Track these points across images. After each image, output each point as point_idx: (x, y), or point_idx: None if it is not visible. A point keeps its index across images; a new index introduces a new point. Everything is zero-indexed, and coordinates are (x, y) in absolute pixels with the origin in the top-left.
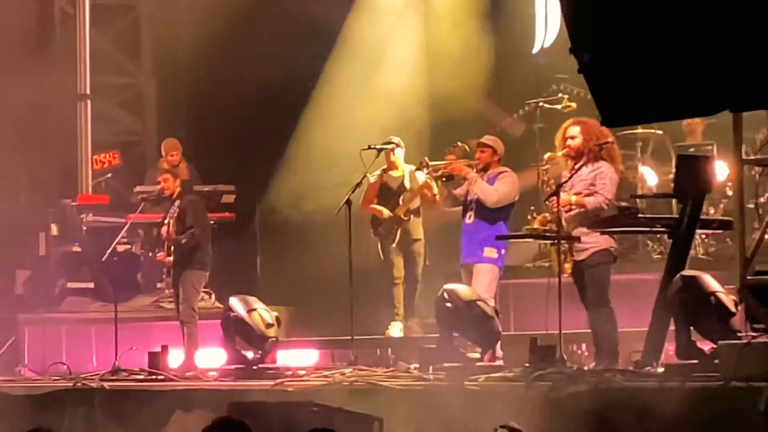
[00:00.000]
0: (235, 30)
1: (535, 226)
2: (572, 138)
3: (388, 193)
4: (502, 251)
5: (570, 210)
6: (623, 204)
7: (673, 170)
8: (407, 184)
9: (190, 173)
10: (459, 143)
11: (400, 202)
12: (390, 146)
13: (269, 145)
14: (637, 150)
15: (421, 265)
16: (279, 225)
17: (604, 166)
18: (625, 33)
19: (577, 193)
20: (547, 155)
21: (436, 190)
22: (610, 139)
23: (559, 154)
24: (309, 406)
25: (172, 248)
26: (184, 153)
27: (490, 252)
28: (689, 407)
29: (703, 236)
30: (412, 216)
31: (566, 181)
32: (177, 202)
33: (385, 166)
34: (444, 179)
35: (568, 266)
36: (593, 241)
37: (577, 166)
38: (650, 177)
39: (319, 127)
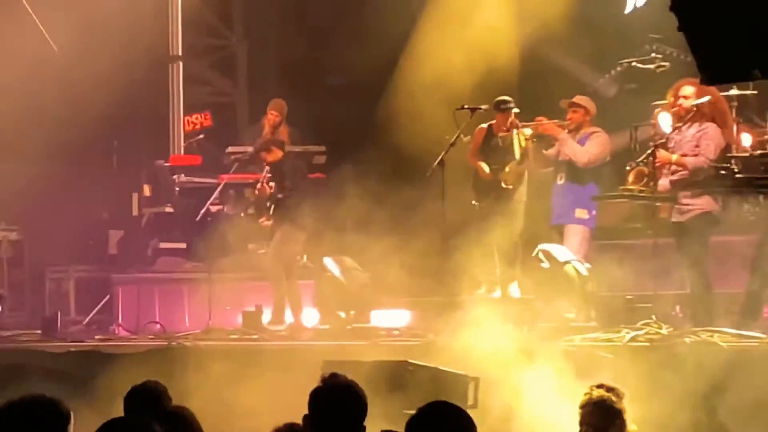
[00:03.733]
0: None
1: (630, 179)
2: (685, 98)
3: (492, 152)
4: (593, 212)
5: (673, 172)
6: (720, 164)
7: None
8: (516, 151)
9: (290, 135)
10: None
11: (506, 169)
12: (482, 107)
13: (361, 105)
14: (732, 110)
15: (520, 226)
16: (371, 185)
17: (711, 128)
18: None
19: (682, 154)
20: (657, 111)
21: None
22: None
23: (670, 111)
24: (404, 365)
25: (271, 206)
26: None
27: (581, 213)
28: None
29: None
30: (513, 185)
31: (665, 140)
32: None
33: (492, 122)
34: (535, 140)
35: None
36: (697, 203)
37: (683, 125)
38: (745, 137)
39: (411, 85)
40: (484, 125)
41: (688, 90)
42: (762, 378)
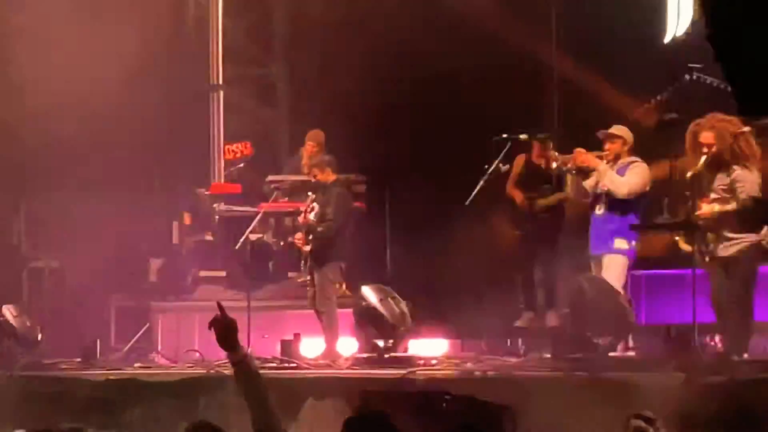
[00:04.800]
0: (369, 18)
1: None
2: (709, 146)
3: (531, 180)
4: (633, 242)
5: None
6: (761, 196)
7: None
8: (555, 178)
9: (329, 164)
10: None
11: (544, 198)
12: (521, 137)
13: (401, 135)
14: None
15: (559, 255)
16: (411, 215)
17: (738, 170)
18: (765, 19)
19: (716, 199)
20: (689, 174)
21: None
22: (744, 129)
23: (701, 163)
24: (441, 395)
25: (310, 237)
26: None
27: (620, 243)
28: None
29: None
30: (550, 213)
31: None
32: (318, 193)
33: (531, 152)
34: (574, 171)
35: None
36: (742, 236)
37: (709, 169)
38: None
39: (450, 113)
40: (523, 155)
41: (709, 137)
42: None
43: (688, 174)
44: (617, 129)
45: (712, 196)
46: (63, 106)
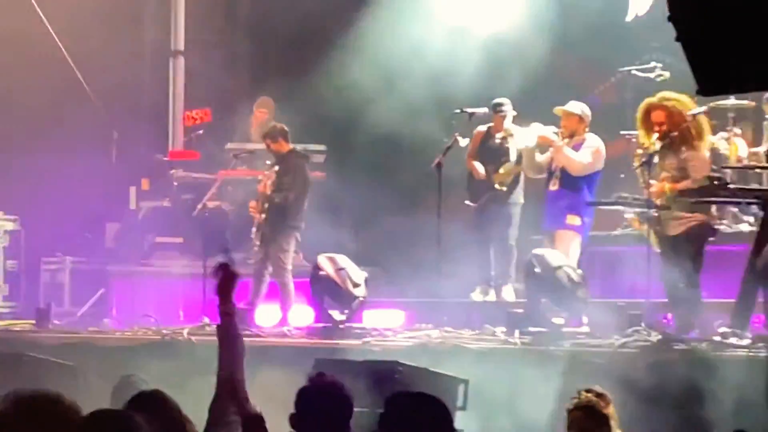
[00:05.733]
0: None
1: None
2: (660, 124)
3: (489, 154)
4: (586, 219)
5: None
6: (713, 175)
7: (765, 142)
8: (512, 153)
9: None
10: None
11: (501, 170)
12: (480, 110)
13: (358, 105)
14: (729, 121)
15: (515, 230)
16: (368, 186)
17: (689, 151)
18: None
19: (666, 178)
20: (639, 152)
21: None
22: (697, 111)
23: (651, 141)
24: (394, 365)
25: (265, 206)
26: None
27: (572, 219)
28: None
29: None
30: (507, 187)
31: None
32: (276, 162)
33: (491, 124)
34: (529, 147)
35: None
36: (691, 215)
37: (661, 149)
38: (741, 148)
39: (410, 87)
40: (483, 127)
41: (660, 116)
42: (746, 386)
43: (639, 151)
44: (574, 106)
45: (663, 174)
46: (21, 69)
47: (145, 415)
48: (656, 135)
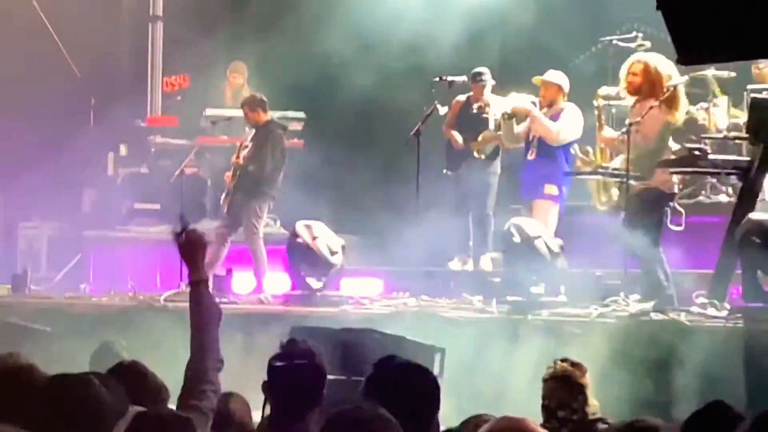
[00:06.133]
0: None
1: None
2: (634, 75)
3: (468, 123)
4: (563, 188)
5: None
6: (693, 145)
7: (745, 112)
8: (491, 122)
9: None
10: None
11: (479, 138)
12: (460, 79)
13: (336, 73)
14: (709, 91)
15: (493, 199)
16: (347, 154)
17: (655, 113)
18: None
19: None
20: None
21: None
22: (677, 82)
23: (619, 88)
24: (371, 333)
25: (238, 173)
26: (251, 78)
27: (550, 189)
28: (754, 349)
29: None
30: (486, 156)
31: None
32: (254, 131)
33: (470, 93)
34: (507, 116)
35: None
36: (651, 182)
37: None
38: (721, 119)
39: (386, 54)
40: (462, 97)
41: (637, 67)
42: (722, 356)
43: (598, 104)
44: (553, 75)
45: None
46: None
47: (123, 388)
48: (626, 85)
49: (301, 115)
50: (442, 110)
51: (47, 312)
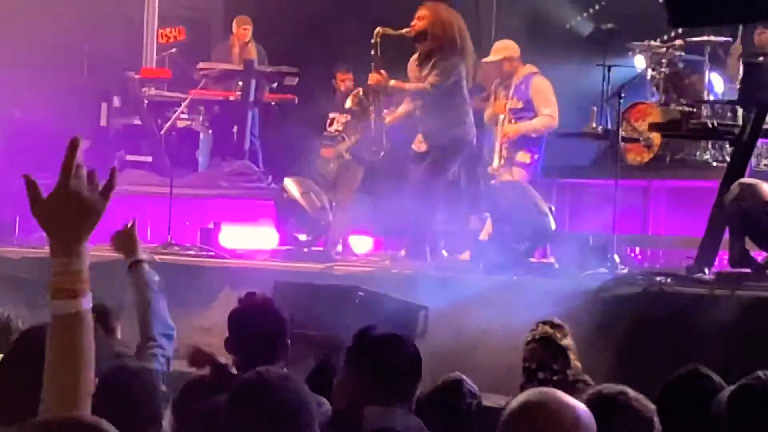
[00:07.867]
0: None
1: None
2: (419, 18)
3: None
4: (536, 156)
5: None
6: (687, 109)
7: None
8: None
9: (258, 53)
10: None
11: None
12: None
13: (335, 31)
14: (705, 56)
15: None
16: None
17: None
18: None
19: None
20: None
21: None
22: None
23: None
24: (355, 290)
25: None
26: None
27: (522, 156)
28: (740, 316)
29: (765, 147)
30: None
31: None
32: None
33: None
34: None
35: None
36: None
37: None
38: (717, 84)
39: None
40: None
41: (422, 11)
42: (705, 322)
43: None
44: (495, 51)
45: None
46: None
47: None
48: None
49: (294, 69)
50: None
51: (34, 262)
